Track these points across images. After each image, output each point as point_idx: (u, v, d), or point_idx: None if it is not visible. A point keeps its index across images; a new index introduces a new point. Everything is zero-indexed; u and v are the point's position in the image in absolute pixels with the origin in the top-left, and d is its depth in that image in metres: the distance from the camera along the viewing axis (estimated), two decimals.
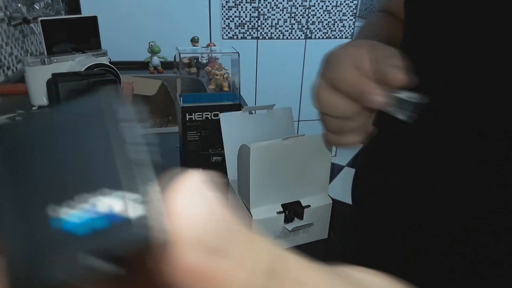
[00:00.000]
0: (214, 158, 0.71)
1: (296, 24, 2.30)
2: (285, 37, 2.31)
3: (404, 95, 0.36)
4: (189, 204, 0.10)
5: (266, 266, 0.11)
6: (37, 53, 1.38)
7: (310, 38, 2.35)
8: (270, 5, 2.22)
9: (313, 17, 2.31)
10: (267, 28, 2.26)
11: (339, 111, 0.39)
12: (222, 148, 0.64)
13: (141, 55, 1.51)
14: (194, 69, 1.35)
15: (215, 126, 0.66)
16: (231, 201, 0.62)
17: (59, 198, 0.08)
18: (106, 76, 0.54)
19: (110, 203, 0.08)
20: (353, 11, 2.37)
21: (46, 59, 0.69)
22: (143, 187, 0.08)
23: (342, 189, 1.12)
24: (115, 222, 0.08)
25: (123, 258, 0.09)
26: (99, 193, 0.08)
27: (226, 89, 1.16)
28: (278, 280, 0.11)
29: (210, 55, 1.33)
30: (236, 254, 0.10)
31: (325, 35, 2.34)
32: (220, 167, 0.68)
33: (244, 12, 2.19)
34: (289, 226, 0.57)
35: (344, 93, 0.37)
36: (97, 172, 0.08)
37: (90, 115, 0.09)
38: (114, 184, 0.08)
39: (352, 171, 0.90)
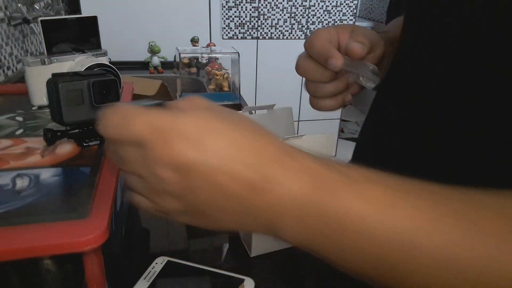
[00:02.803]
0: None
1: (296, 24, 2.30)
2: (285, 37, 2.31)
3: (360, 63, 0.44)
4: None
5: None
6: (37, 53, 1.38)
7: None
8: (270, 5, 2.22)
9: (313, 17, 2.31)
10: (267, 28, 2.27)
11: (311, 74, 0.47)
12: None
13: (141, 55, 1.51)
14: (194, 69, 1.35)
15: None
16: None
17: None
18: (106, 76, 0.54)
19: None
20: (353, 11, 2.37)
21: (46, 59, 0.69)
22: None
23: None
24: None
25: None
26: None
27: (226, 89, 1.16)
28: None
29: (210, 55, 1.33)
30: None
31: None
32: None
33: (244, 12, 2.19)
34: None
35: (316, 59, 0.46)
36: None
37: None
38: None
39: None
